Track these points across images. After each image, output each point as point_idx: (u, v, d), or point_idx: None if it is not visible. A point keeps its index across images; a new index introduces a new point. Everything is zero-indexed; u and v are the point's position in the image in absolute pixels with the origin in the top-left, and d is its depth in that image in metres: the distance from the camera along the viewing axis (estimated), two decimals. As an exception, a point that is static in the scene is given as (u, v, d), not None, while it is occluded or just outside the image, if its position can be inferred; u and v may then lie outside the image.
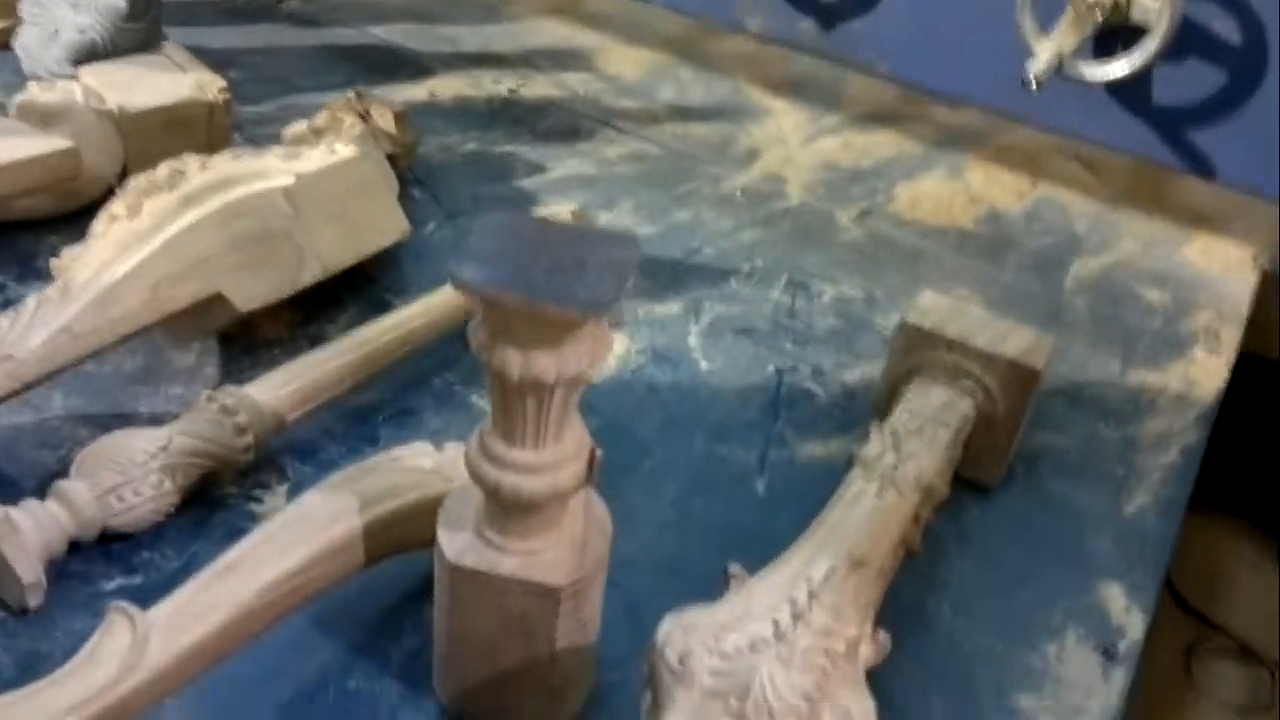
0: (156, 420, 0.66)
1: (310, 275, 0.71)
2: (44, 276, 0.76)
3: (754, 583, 0.49)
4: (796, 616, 0.47)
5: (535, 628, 0.49)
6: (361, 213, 0.76)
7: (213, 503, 0.61)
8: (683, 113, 1.07)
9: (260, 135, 0.93)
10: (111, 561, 0.57)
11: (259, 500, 0.62)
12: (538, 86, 1.08)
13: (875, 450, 0.60)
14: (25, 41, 0.94)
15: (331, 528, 0.51)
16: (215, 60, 0.95)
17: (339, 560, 0.51)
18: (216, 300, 0.66)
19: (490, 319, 0.42)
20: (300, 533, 0.50)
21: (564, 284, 0.41)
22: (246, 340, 0.73)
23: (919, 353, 0.67)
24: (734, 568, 0.49)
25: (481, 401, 0.72)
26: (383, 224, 0.77)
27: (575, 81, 1.10)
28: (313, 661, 0.55)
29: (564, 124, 1.03)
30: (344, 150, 0.77)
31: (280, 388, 0.63)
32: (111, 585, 0.56)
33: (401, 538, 0.54)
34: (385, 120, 0.88)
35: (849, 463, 0.60)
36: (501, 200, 0.91)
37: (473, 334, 0.44)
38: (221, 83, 0.85)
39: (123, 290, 0.61)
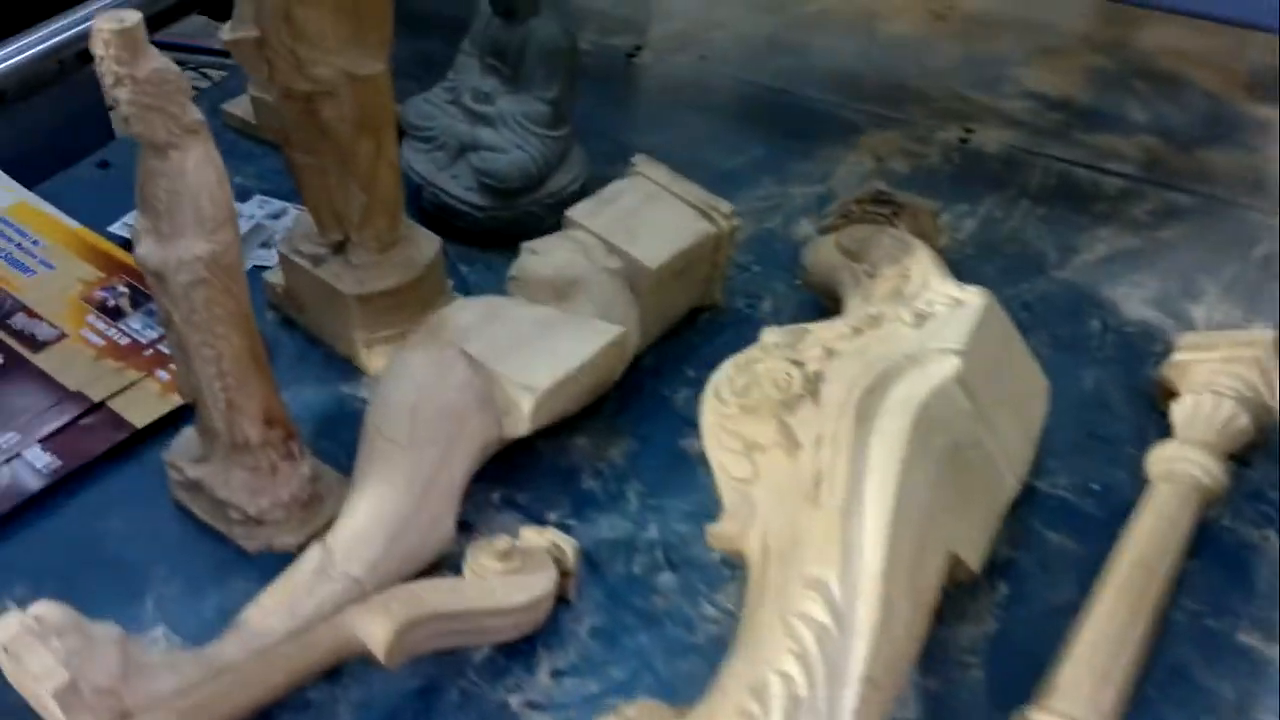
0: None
1: (1008, 492, 0.53)
2: (602, 505, 0.59)
3: None
4: None
5: None
6: (1018, 380, 0.57)
7: None
8: (1176, 138, 0.86)
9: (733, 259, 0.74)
10: None
11: None
12: (989, 128, 0.88)
13: None
14: (414, 164, 0.76)
15: None
16: (600, 141, 0.78)
17: None
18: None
19: None
20: None
21: None
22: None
23: None
24: None
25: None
26: (1032, 386, 0.58)
27: (1023, 112, 0.89)
28: None
29: (1057, 178, 0.82)
30: (970, 295, 0.57)
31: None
32: None
33: None
34: (919, 224, 0.69)
35: None
36: (1063, 305, 0.71)
37: None
38: (728, 205, 0.66)
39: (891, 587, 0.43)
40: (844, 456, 0.48)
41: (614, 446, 0.62)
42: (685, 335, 0.69)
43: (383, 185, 0.61)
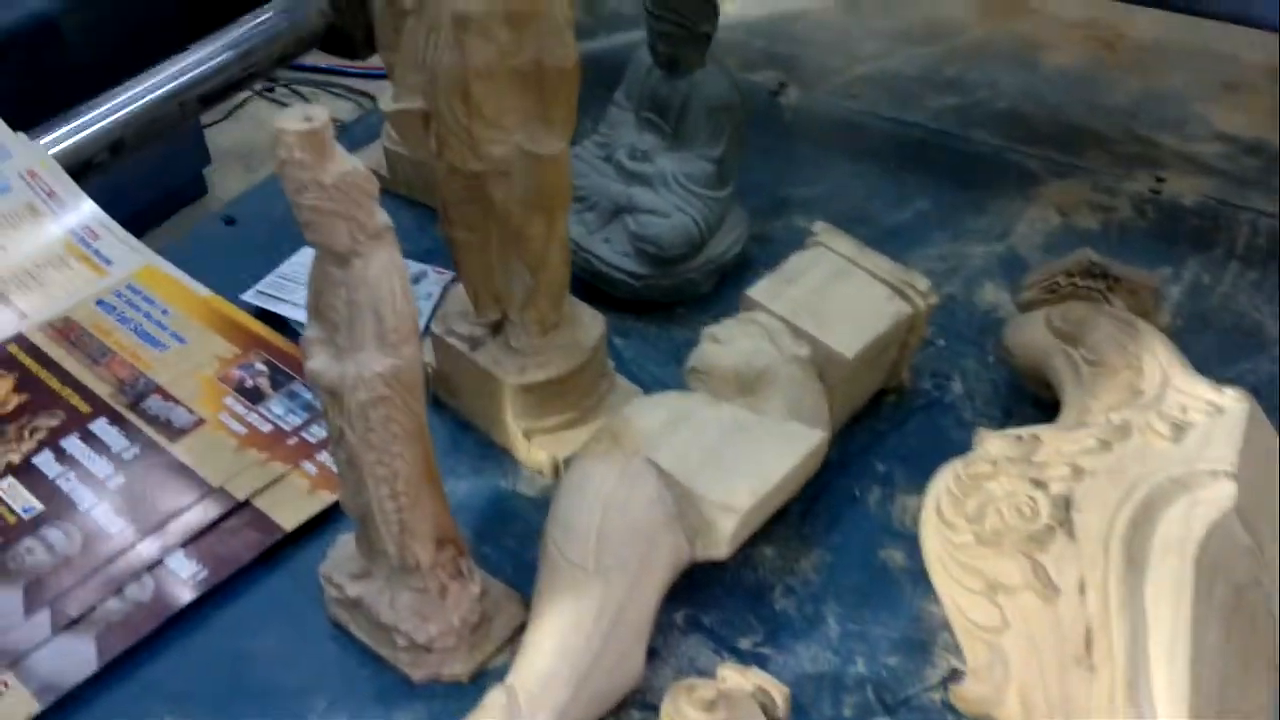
0: None
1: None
2: (798, 630, 0.52)
3: None
4: None
5: None
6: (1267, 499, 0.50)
7: None
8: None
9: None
10: None
11: None
12: (1182, 176, 0.80)
13: None
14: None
15: None
16: (754, 194, 0.73)
17: None
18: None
19: None
20: None
21: None
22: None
23: None
24: None
25: None
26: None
27: (1216, 158, 0.81)
28: None
29: (1266, 236, 0.74)
30: (1229, 400, 0.50)
31: None
32: None
33: None
34: (1139, 301, 0.61)
35: None
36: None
37: None
38: (925, 282, 0.60)
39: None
40: (1117, 609, 0.41)
41: (804, 558, 0.55)
42: (868, 422, 0.63)
43: (552, 268, 0.55)
